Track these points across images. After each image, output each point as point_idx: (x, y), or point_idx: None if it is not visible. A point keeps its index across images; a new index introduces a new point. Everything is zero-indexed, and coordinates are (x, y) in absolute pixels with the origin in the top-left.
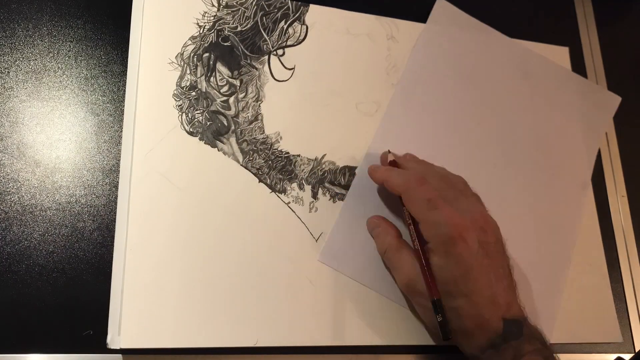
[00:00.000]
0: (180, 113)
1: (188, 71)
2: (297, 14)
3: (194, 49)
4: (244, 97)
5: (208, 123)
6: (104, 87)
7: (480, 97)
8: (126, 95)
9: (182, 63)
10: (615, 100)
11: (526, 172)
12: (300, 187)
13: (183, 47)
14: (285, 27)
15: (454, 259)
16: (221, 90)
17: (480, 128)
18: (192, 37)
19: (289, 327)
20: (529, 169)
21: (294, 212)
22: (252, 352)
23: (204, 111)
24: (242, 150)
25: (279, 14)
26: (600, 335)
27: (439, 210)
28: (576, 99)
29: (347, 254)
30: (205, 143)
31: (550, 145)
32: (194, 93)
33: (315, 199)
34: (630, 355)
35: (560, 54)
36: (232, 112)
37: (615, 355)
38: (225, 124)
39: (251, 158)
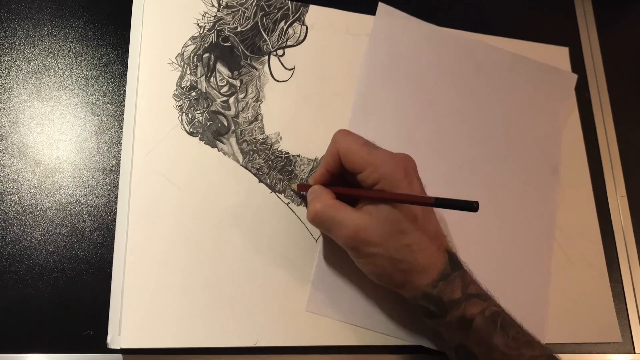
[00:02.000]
0: (180, 113)
1: (188, 71)
2: (297, 15)
3: (194, 49)
4: (244, 97)
5: (208, 123)
6: (104, 87)
7: (437, 94)
8: (126, 95)
9: (182, 63)
10: (572, 78)
11: (493, 164)
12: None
13: (183, 47)
14: (285, 27)
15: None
16: (221, 91)
17: (443, 125)
18: (192, 38)
19: (289, 327)
20: (496, 160)
21: (294, 212)
22: (252, 352)
23: (204, 111)
24: (242, 151)
25: (278, 15)
26: (599, 335)
27: (379, 151)
28: (531, 83)
29: (333, 299)
30: (205, 143)
31: (512, 133)
32: (194, 93)
33: None
34: (631, 356)
35: (560, 54)
36: (232, 112)
37: None
38: (225, 124)
39: (251, 158)
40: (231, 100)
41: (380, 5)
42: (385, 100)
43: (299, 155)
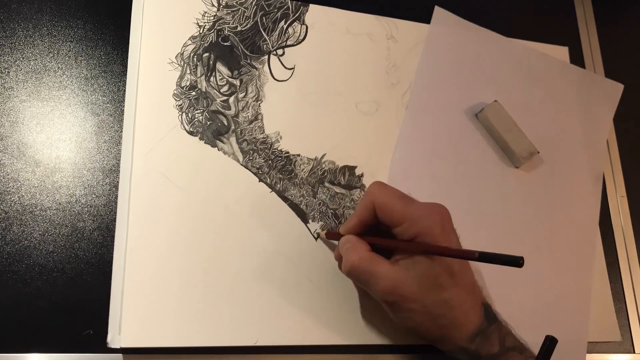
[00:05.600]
0: (180, 113)
1: (188, 71)
2: (297, 14)
3: (194, 48)
4: (244, 96)
5: (208, 123)
6: (104, 87)
7: (488, 99)
8: (126, 95)
9: (182, 63)
10: (618, 88)
11: (538, 171)
12: (301, 187)
13: (183, 47)
14: (285, 27)
15: None
16: (221, 90)
17: None
18: (192, 37)
19: (289, 326)
20: (541, 166)
21: (294, 211)
22: (252, 352)
23: (204, 111)
24: (242, 150)
25: (278, 14)
26: (599, 335)
27: (416, 204)
28: (579, 91)
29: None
30: (205, 143)
31: (560, 140)
32: (194, 93)
33: (315, 199)
34: (630, 355)
35: (559, 54)
36: (232, 111)
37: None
38: (225, 123)
39: (251, 158)
40: (231, 99)
41: (437, 9)
42: (437, 107)
43: (299, 155)
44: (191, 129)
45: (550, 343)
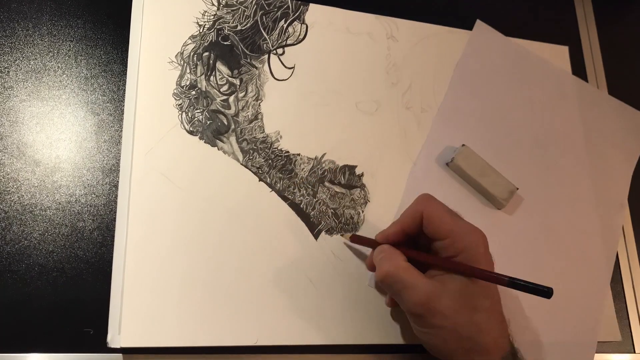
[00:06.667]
0: (180, 112)
1: (188, 70)
2: (297, 13)
3: (194, 48)
4: (244, 96)
5: (208, 122)
6: (103, 86)
7: (519, 119)
8: (126, 94)
9: (182, 62)
10: None
11: (566, 192)
12: (300, 186)
13: (183, 46)
14: (285, 26)
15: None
16: (221, 90)
17: (520, 149)
18: (192, 36)
19: (289, 326)
20: (572, 186)
21: (294, 211)
22: (252, 352)
23: (204, 110)
24: (242, 150)
25: (278, 13)
26: (599, 335)
27: (463, 221)
28: (611, 120)
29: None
30: (205, 142)
31: (589, 165)
32: (194, 92)
33: (315, 198)
34: (630, 355)
35: (559, 53)
36: (232, 111)
37: None
38: (225, 123)
39: (251, 157)
40: (231, 99)
41: (478, 22)
42: (468, 115)
43: (299, 154)
44: (191, 129)
45: (543, 289)
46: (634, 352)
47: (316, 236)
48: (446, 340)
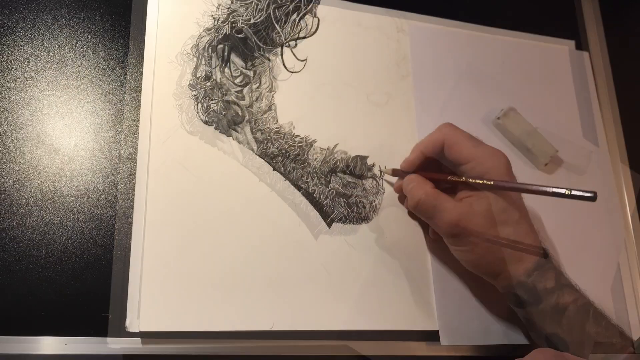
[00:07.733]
0: (195, 103)
1: (203, 62)
2: (309, 7)
3: (209, 40)
4: (258, 87)
5: (223, 112)
6: (121, 77)
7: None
8: (143, 85)
9: (198, 54)
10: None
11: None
12: (313, 176)
13: (198, 38)
14: (297, 19)
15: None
16: (235, 81)
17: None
18: (207, 29)
19: (305, 312)
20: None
21: (308, 200)
22: (268, 337)
23: (219, 101)
24: (256, 140)
25: (291, 7)
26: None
27: (485, 145)
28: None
29: (464, 323)
30: (220, 132)
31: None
32: (209, 83)
33: (327, 187)
34: (630, 356)
35: (565, 48)
36: (246, 102)
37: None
38: (240, 113)
39: (265, 147)
40: (245, 90)
41: (411, 26)
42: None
43: (311, 145)
44: (206, 119)
45: (586, 194)
46: (634, 353)
47: (329, 224)
48: (482, 254)
